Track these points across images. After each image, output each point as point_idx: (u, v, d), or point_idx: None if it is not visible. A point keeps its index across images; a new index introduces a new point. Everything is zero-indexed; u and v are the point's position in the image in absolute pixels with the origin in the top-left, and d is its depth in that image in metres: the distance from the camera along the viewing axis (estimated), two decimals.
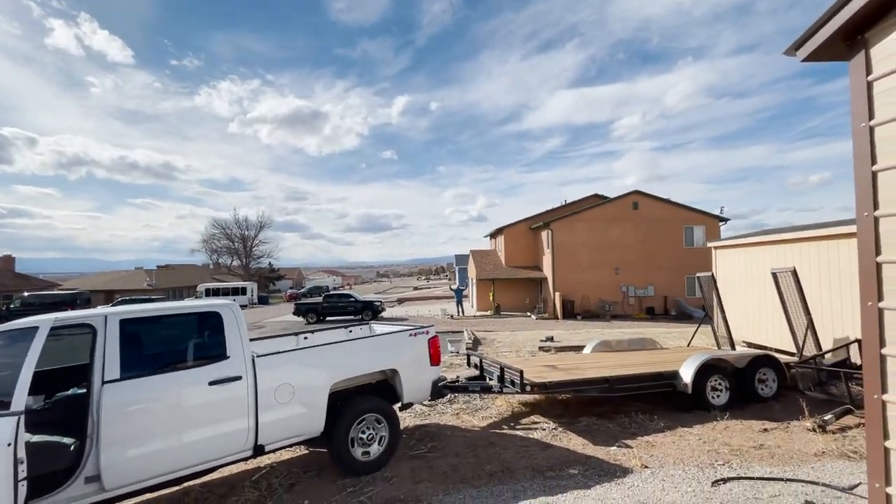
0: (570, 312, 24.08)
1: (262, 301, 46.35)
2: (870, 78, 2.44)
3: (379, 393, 5.20)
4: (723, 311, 8.53)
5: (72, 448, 3.50)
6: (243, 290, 43.09)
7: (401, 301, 42.80)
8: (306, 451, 5.45)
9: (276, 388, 4.22)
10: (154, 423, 3.63)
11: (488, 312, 27.23)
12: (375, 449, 4.83)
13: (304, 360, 4.58)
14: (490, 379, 7.00)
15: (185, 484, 4.19)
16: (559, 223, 25.45)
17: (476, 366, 7.61)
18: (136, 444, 3.52)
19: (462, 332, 17.78)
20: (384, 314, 26.62)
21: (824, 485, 4.15)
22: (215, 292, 41.27)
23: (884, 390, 2.38)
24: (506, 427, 6.27)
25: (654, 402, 6.96)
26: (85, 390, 3.55)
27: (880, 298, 2.39)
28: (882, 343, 2.39)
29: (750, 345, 9.44)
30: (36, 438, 3.50)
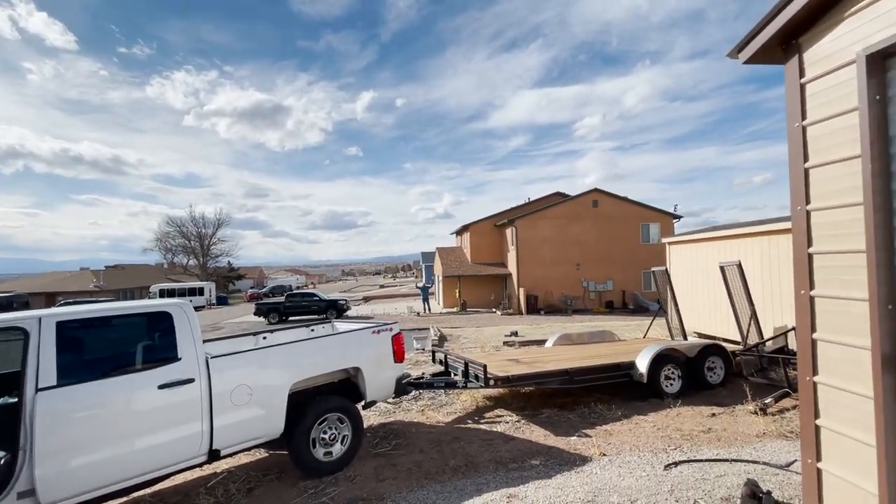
0: (533, 307, 24.58)
1: (221, 301, 44.59)
2: (803, 80, 2.60)
3: (341, 392, 5.11)
4: (676, 304, 8.93)
5: (2, 461, 3.24)
6: (200, 291, 41.34)
7: (367, 299, 42.28)
8: (266, 454, 5.29)
9: (233, 390, 4.07)
10: (96, 431, 3.41)
11: (455, 309, 27.36)
12: (338, 449, 4.74)
13: (261, 361, 4.43)
14: (455, 374, 7.03)
15: (134, 494, 3.97)
16: (523, 220, 25.90)
17: (441, 362, 7.62)
18: (76, 454, 3.30)
19: (428, 328, 17.77)
20: (350, 312, 26.21)
21: (764, 463, 4.43)
22: (170, 293, 39.32)
23: (815, 373, 2.56)
24: (470, 422, 6.32)
25: (612, 392, 7.20)
26: (17, 399, 3.29)
27: (812, 287, 2.56)
28: (813, 329, 2.56)
29: (701, 335, 9.93)
30: None
